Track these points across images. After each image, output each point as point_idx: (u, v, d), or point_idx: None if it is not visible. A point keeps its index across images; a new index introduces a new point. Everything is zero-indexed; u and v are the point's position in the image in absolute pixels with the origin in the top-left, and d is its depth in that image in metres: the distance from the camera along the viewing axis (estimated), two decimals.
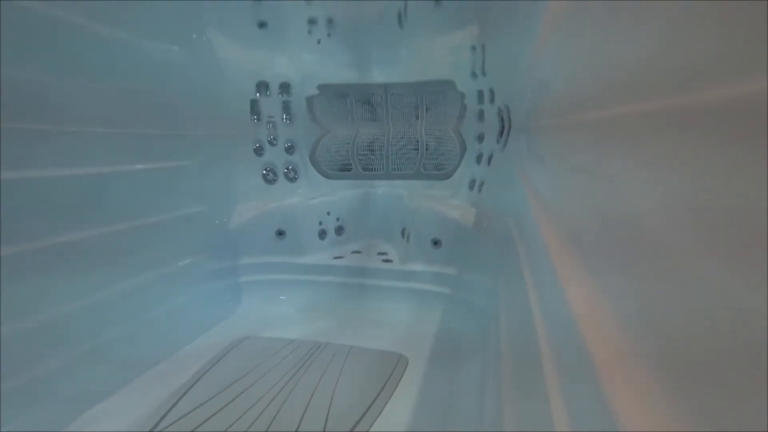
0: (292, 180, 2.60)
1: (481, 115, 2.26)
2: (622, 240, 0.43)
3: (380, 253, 2.33)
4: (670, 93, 0.36)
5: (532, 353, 0.60)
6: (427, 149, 2.53)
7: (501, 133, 1.88)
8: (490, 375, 1.00)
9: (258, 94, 2.32)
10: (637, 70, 0.43)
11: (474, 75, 2.17)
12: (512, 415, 0.65)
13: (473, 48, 2.13)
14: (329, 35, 2.37)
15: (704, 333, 0.26)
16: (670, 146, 0.35)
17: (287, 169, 2.57)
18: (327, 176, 2.70)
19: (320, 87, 2.50)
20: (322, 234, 2.38)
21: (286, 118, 2.50)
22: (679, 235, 0.32)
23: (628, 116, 0.44)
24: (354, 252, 2.38)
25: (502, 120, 1.87)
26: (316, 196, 2.42)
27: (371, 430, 1.19)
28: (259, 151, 2.40)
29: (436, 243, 2.03)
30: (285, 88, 2.41)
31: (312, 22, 2.32)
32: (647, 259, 0.37)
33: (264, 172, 2.43)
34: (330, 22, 2.34)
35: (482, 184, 2.07)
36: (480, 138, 2.29)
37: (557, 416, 0.44)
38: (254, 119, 2.35)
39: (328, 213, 2.41)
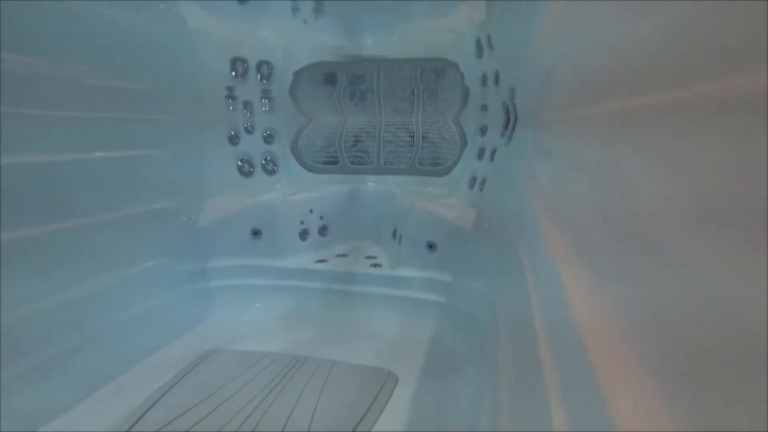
0: (271, 173, 2.59)
1: (484, 105, 2.27)
2: (631, 246, 0.44)
3: (368, 257, 2.34)
4: (685, 84, 0.37)
5: (534, 369, 0.61)
6: (423, 141, 2.54)
7: (506, 126, 1.90)
8: (488, 393, 1.01)
9: (234, 74, 2.31)
10: (649, 59, 0.44)
11: (479, 53, 2.17)
12: None
13: (477, 27, 2.15)
14: (316, 10, 2.37)
15: (710, 336, 0.28)
16: (683, 143, 0.36)
17: (265, 160, 2.56)
18: (310, 169, 2.69)
19: (305, 67, 2.49)
20: (304, 234, 2.38)
21: (265, 103, 2.49)
22: (693, 240, 0.32)
23: (638, 110, 0.45)
24: (339, 255, 2.38)
25: (507, 111, 1.88)
26: (297, 192, 2.41)
27: None
28: (234, 140, 2.38)
29: (430, 246, 2.04)
30: (264, 67, 2.41)
31: None
32: (657, 266, 0.38)
33: (239, 163, 2.42)
34: None
35: (484, 182, 2.09)
36: (482, 131, 2.31)
37: None
38: (229, 103, 2.34)
39: (311, 211, 2.41)
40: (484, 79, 2.20)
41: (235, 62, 2.30)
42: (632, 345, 0.38)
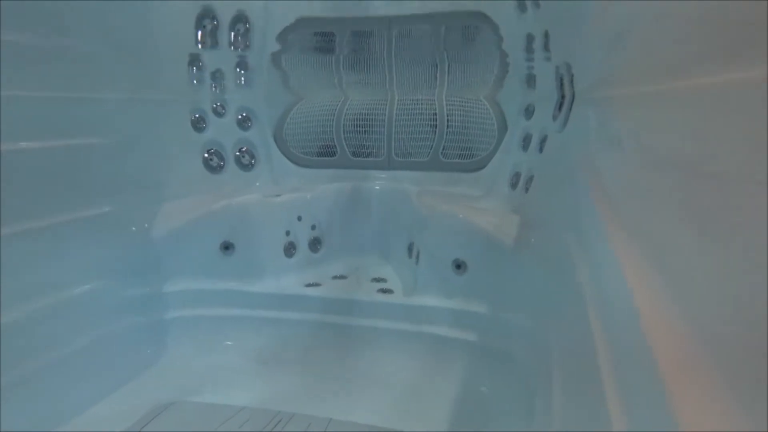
0: (247, 167, 2.60)
1: (530, 78, 2.26)
2: (733, 270, 0.43)
3: (375, 280, 2.33)
4: None
5: None
6: (448, 126, 2.54)
7: (559, 106, 1.89)
8: None
9: (200, 35, 2.32)
10: (759, 19, 0.43)
11: (522, 7, 2.15)
12: None
13: None
14: None
15: None
16: None
17: (240, 151, 2.57)
18: (299, 163, 2.70)
19: (292, 25, 2.50)
20: (290, 249, 2.38)
21: (240, 75, 2.51)
22: None
23: (746, 86, 0.44)
24: (336, 277, 2.37)
25: (561, 86, 1.87)
26: (281, 193, 2.42)
27: None
28: (199, 124, 2.40)
29: (458, 266, 2.02)
30: (240, 25, 2.42)
31: None
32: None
33: (206, 155, 2.44)
34: None
35: (530, 179, 2.08)
36: (528, 112, 2.29)
37: None
38: (193, 75, 2.36)
39: (300, 218, 2.42)
40: (529, 43, 2.19)
41: (201, 20, 2.32)
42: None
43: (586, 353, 0.79)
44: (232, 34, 2.40)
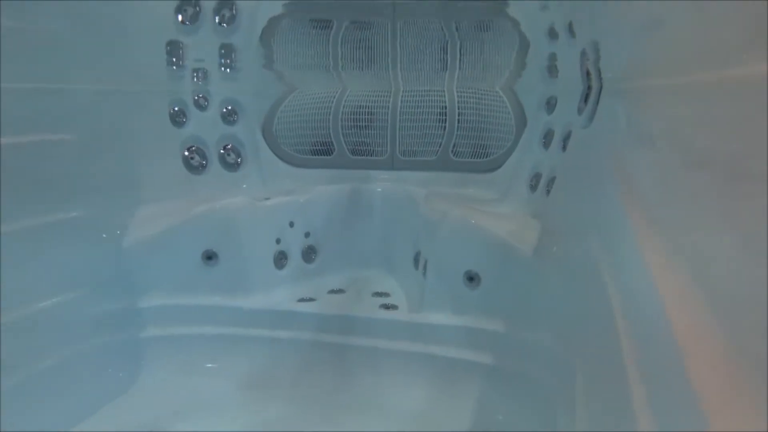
0: (233, 167, 2.60)
1: (552, 67, 2.26)
2: None
3: (377, 294, 2.32)
4: None
5: None
6: (459, 121, 2.54)
7: (585, 98, 1.88)
8: None
9: (181, 18, 2.32)
10: None
11: None
12: None
13: None
14: None
15: None
16: None
17: (225, 148, 2.57)
18: (291, 162, 2.69)
19: (285, 5, 2.50)
20: (281, 259, 2.38)
21: (225, 64, 2.51)
22: None
23: None
24: (333, 291, 2.37)
25: (587, 75, 1.87)
26: (271, 195, 2.42)
27: None
28: (178, 118, 2.41)
29: (471, 279, 2.02)
30: (226, 8, 2.43)
31: None
32: None
33: (186, 153, 2.44)
34: None
35: (552, 181, 2.07)
36: (550, 105, 2.29)
37: None
38: (173, 63, 2.37)
39: (292, 224, 2.42)
40: (551, 27, 2.20)
41: (182, 2, 2.32)
42: None
43: (616, 378, 0.79)
44: (217, 18, 2.40)
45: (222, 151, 2.56)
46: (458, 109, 2.53)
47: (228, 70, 2.52)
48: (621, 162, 1.34)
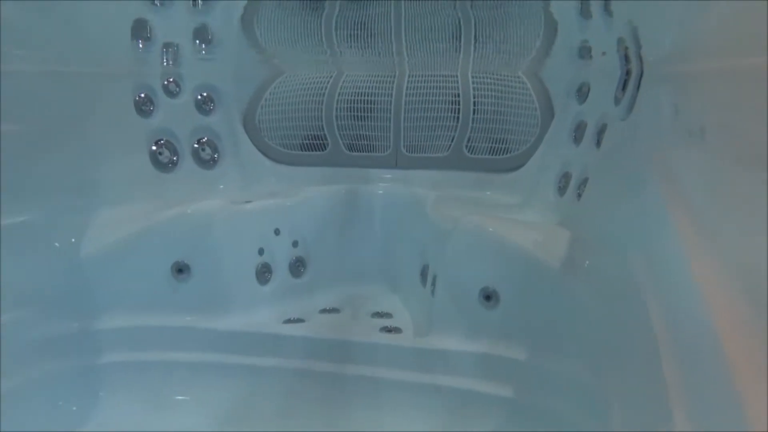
0: (208, 164, 2.60)
1: (584, 48, 2.26)
2: None
3: (377, 314, 2.32)
4: None
5: None
6: (475, 111, 2.53)
7: (623, 85, 1.88)
8: None
9: None
10: None
11: None
12: None
13: None
14: None
15: None
16: None
17: (199, 142, 2.57)
18: (277, 159, 2.70)
19: None
20: (264, 273, 2.38)
21: (200, 43, 2.51)
22: None
23: None
24: (326, 311, 2.37)
25: (626, 59, 1.87)
26: (253, 198, 2.42)
27: None
28: (145, 107, 2.41)
29: (488, 297, 2.01)
30: None
31: None
32: None
33: (154, 147, 2.44)
34: None
35: (584, 182, 2.07)
36: (581, 93, 2.29)
37: None
38: (138, 43, 2.37)
39: (277, 232, 2.42)
40: (583, 4, 2.20)
41: None
42: None
43: (658, 420, 0.78)
44: None
45: (196, 146, 2.56)
46: (474, 97, 2.53)
47: (203, 50, 2.52)
48: (665, 160, 1.34)
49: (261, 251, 2.37)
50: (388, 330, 2.17)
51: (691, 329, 0.80)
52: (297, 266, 2.47)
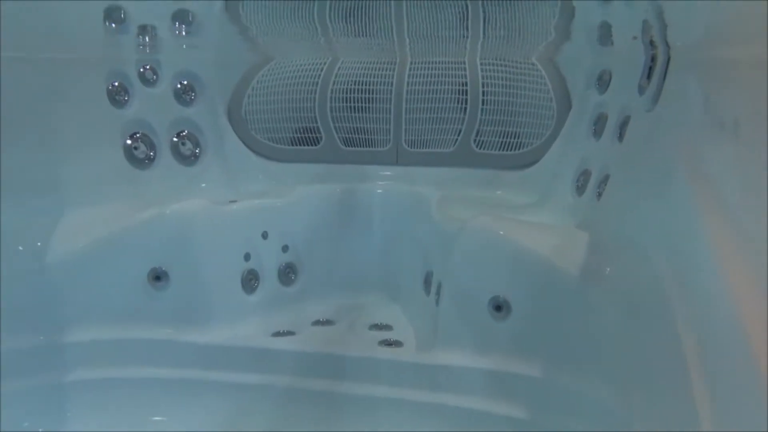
0: (189, 160, 2.60)
1: (605, 30, 2.25)
2: None
3: (376, 327, 2.32)
4: None
5: None
6: (484, 102, 2.53)
7: (648, 73, 1.88)
8: None
9: None
10: None
11: None
12: None
13: None
14: None
15: None
16: None
17: (179, 135, 2.57)
18: (265, 154, 2.70)
19: None
20: (251, 281, 2.38)
21: (180, 26, 2.51)
22: None
23: None
24: (319, 322, 2.37)
25: (651, 45, 1.87)
26: (239, 198, 2.42)
27: None
28: (118, 97, 2.41)
29: (498, 308, 2.01)
30: None
31: None
32: None
33: (129, 141, 2.43)
34: None
35: (605, 180, 2.07)
36: (601, 82, 2.29)
37: None
38: (111, 26, 2.36)
39: (265, 235, 2.42)
40: None
41: None
42: None
43: None
44: None
45: (175, 139, 2.56)
46: (483, 85, 2.53)
47: (183, 32, 2.51)
48: (695, 156, 1.34)
49: (247, 257, 2.37)
50: (388, 344, 2.17)
51: (724, 345, 0.80)
52: (287, 273, 2.47)
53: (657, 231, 1.48)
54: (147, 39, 2.43)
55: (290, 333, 2.25)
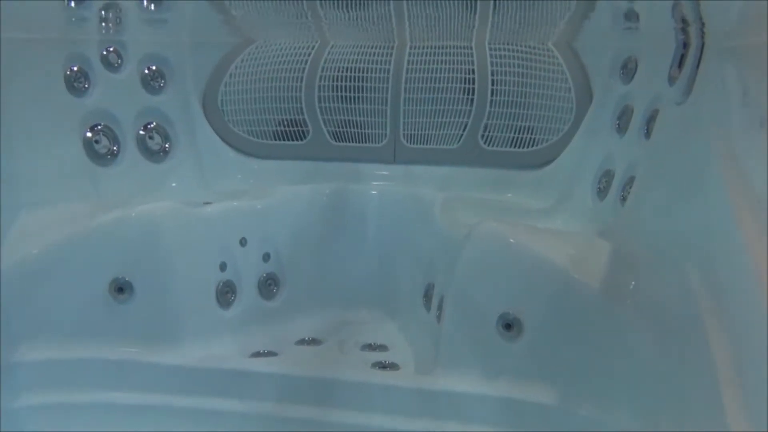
0: (157, 155, 2.60)
1: (630, 12, 2.26)
2: None
3: (369, 347, 2.32)
4: None
5: None
6: (493, 92, 2.54)
7: (679, 62, 1.89)
8: None
9: None
10: None
11: None
12: None
13: None
14: None
15: None
16: None
17: (146, 128, 2.57)
18: (244, 149, 2.71)
19: None
20: (227, 294, 2.38)
21: (148, 3, 2.51)
22: None
23: None
24: (304, 341, 2.37)
25: (684, 31, 1.88)
26: (214, 199, 2.42)
27: None
28: (77, 83, 2.41)
29: (509, 326, 2.01)
30: None
31: None
32: None
33: (89, 134, 2.43)
34: None
35: (629, 182, 2.08)
36: (627, 69, 2.30)
37: None
38: (70, 2, 2.36)
39: (244, 242, 2.42)
40: None
41: None
42: None
43: None
44: None
45: (142, 132, 2.56)
46: (492, 74, 2.54)
47: (152, 8, 2.51)
48: (732, 155, 1.34)
49: (223, 266, 2.37)
50: (383, 366, 2.18)
51: (764, 372, 0.80)
52: (268, 285, 2.48)
53: (689, 240, 1.48)
54: (111, 16, 2.44)
55: (271, 353, 2.26)
